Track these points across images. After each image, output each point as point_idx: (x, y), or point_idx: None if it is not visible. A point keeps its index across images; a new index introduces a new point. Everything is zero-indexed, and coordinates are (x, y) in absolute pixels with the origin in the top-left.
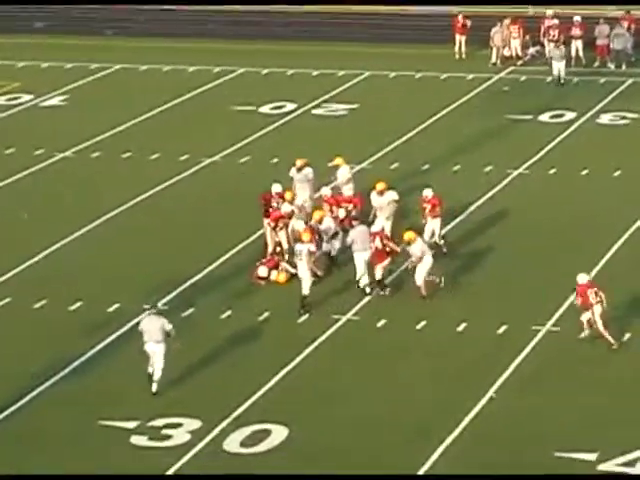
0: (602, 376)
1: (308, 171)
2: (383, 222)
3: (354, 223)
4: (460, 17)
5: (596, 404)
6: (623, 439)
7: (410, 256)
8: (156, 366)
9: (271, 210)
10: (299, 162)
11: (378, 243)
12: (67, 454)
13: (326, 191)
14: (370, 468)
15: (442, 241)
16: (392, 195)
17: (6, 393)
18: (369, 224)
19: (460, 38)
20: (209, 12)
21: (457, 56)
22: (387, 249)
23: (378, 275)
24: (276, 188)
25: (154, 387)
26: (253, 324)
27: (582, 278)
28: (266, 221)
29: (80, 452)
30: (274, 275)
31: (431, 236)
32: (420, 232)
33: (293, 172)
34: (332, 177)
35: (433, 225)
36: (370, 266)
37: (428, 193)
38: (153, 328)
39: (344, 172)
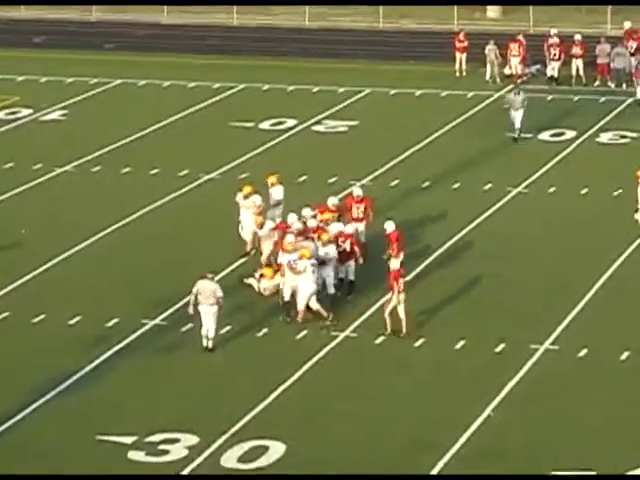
0: (600, 395)
1: (256, 198)
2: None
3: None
4: (461, 35)
5: (593, 423)
6: (620, 459)
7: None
8: (210, 326)
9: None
10: (248, 188)
11: (347, 245)
12: (64, 469)
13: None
14: None
15: None
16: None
17: (4, 407)
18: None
19: (460, 56)
20: (209, 27)
21: (457, 74)
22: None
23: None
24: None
25: (210, 344)
26: (252, 340)
27: None
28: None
29: (77, 467)
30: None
31: None
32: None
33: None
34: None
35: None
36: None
37: (389, 226)
38: (208, 291)
39: (278, 192)
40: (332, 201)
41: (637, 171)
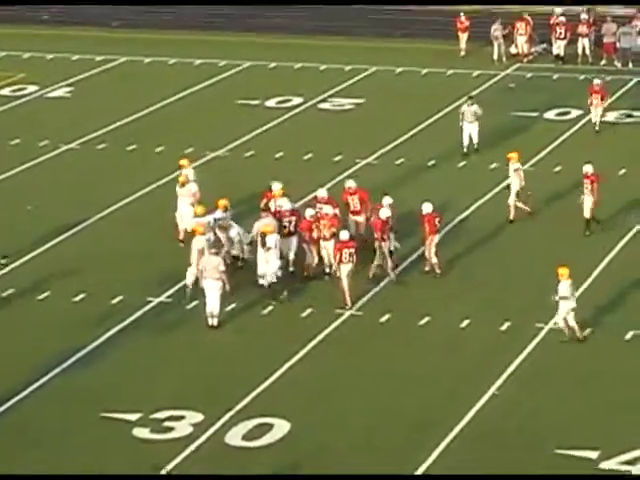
0: (604, 374)
1: (192, 185)
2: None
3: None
4: (462, 16)
5: (598, 402)
6: (625, 437)
7: None
8: (214, 303)
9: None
10: (182, 177)
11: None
12: (69, 445)
13: (322, 192)
14: (372, 463)
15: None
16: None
17: (8, 384)
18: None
19: (462, 36)
20: (215, 5)
21: (462, 53)
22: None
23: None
24: (322, 193)
25: (215, 322)
26: (257, 318)
27: None
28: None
29: (82, 443)
30: None
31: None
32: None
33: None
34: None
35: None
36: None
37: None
38: (211, 266)
39: (284, 204)
40: (321, 193)
41: None
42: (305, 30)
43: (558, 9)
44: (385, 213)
